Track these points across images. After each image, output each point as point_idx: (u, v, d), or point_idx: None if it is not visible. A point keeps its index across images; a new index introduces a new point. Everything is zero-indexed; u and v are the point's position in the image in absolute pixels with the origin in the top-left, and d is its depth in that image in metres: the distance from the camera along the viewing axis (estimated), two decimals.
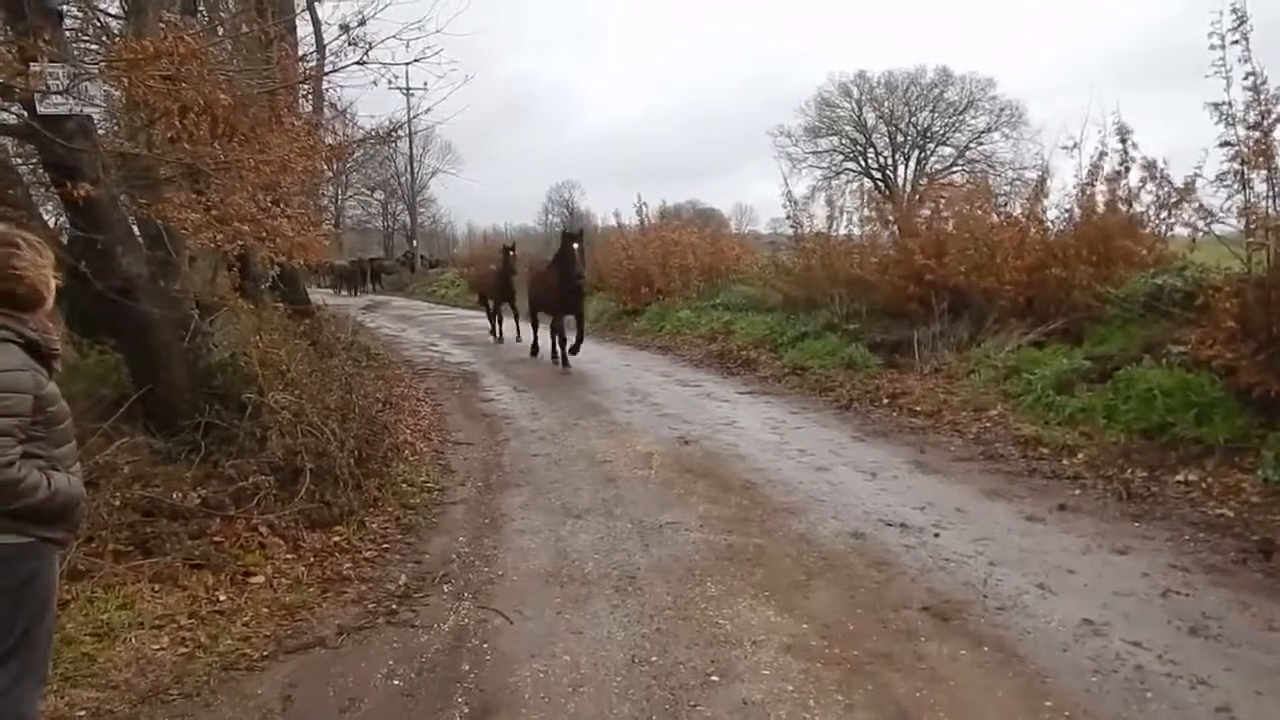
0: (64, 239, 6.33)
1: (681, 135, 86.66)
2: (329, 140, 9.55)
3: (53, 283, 2.93)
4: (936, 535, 5.73)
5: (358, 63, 6.55)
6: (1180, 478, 6.54)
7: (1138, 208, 10.55)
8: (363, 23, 6.39)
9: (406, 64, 7.04)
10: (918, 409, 9.52)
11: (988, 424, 8.66)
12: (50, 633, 2.97)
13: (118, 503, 5.24)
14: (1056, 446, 7.60)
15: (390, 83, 7.58)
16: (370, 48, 6.44)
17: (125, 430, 6.07)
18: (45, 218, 6.71)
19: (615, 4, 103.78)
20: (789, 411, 10.07)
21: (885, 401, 10.07)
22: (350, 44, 6.44)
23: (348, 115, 11.71)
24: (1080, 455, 7.30)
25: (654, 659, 4.11)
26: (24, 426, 2.71)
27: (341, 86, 10.26)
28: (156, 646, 4.28)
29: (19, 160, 6.52)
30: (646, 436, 8.87)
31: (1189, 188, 8.22)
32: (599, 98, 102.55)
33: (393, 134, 10.69)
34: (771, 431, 9.01)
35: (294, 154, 7.07)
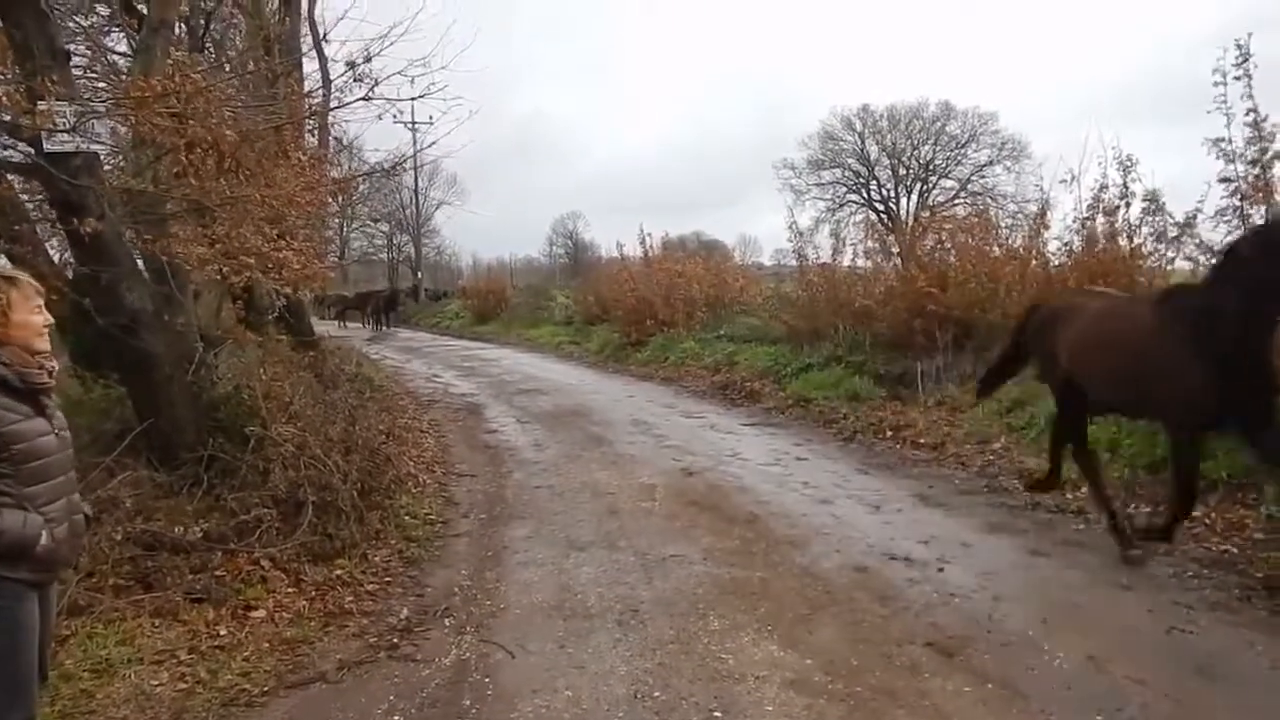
0: (69, 274, 6.38)
1: (686, 168, 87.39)
2: (334, 174, 9.65)
3: (21, 314, 2.86)
4: (940, 569, 5.70)
5: (363, 99, 6.63)
6: None
7: (1138, 240, 10.55)
8: (368, 59, 6.46)
9: (412, 99, 7.14)
10: (921, 441, 9.50)
11: (992, 457, 8.63)
12: (28, 670, 2.89)
13: (119, 537, 5.23)
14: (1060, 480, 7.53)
15: (395, 117, 7.70)
16: (375, 84, 6.53)
17: (128, 464, 6.07)
18: (51, 253, 6.77)
19: (621, 40, 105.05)
20: (792, 443, 10.05)
21: (889, 434, 10.04)
22: (356, 80, 6.52)
23: (353, 149, 11.83)
24: (1084, 489, 7.24)
25: (656, 694, 4.08)
26: None
27: (347, 121, 10.39)
28: (156, 682, 4.25)
29: (25, 197, 6.59)
30: (650, 469, 8.85)
31: (1189, 222, 8.24)
32: (604, 131, 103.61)
33: (397, 168, 10.80)
34: (775, 464, 8.99)
35: (300, 188, 7.14)
